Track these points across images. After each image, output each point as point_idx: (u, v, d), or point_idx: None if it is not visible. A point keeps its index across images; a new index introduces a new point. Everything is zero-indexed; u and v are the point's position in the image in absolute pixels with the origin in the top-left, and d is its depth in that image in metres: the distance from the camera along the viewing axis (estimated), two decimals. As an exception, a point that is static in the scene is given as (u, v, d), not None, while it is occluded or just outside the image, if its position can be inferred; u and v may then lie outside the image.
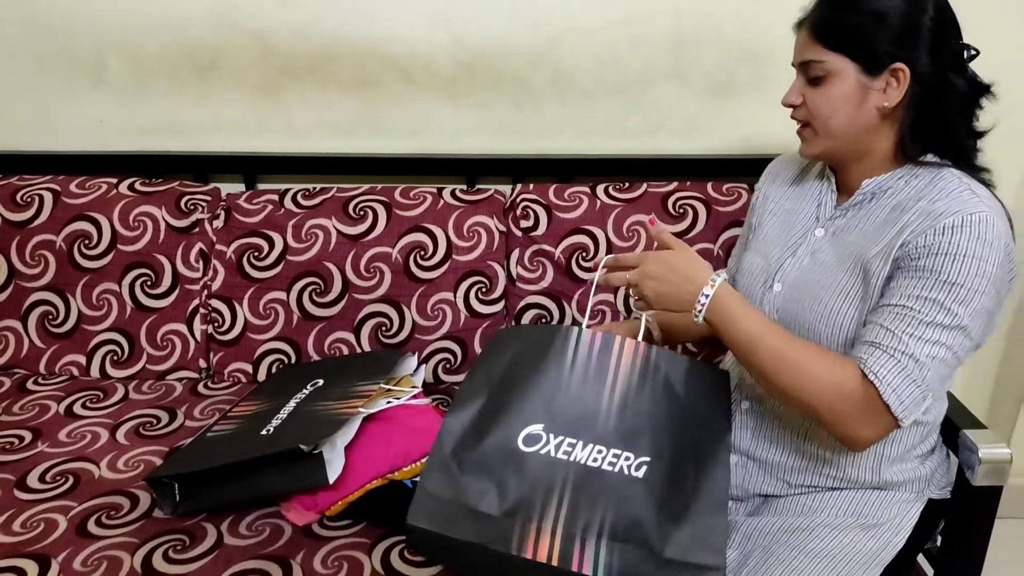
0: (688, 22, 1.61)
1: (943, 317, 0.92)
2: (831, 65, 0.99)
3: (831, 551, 1.01)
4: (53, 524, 1.18)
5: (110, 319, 1.58)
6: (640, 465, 0.94)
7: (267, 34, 1.63)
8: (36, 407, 1.47)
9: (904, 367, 0.92)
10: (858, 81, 0.99)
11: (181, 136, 1.71)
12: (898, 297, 0.94)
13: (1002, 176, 1.06)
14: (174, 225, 1.59)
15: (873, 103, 0.99)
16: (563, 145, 1.70)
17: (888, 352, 0.92)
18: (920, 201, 0.98)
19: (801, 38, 1.04)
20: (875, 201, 1.04)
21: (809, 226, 1.10)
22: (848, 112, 1.00)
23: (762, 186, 1.24)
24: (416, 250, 1.57)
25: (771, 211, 1.18)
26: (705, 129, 1.69)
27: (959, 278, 0.91)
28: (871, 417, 0.93)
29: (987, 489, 1.07)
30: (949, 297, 0.92)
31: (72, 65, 1.66)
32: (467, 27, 1.62)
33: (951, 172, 1.00)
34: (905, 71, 0.97)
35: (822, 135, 1.03)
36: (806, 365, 0.94)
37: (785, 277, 1.08)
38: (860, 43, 0.98)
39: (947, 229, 0.93)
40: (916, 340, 0.92)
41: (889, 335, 0.93)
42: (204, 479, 1.17)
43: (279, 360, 1.57)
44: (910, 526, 1.05)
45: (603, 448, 0.94)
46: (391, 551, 1.14)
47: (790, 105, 1.06)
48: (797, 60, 1.04)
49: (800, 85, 1.04)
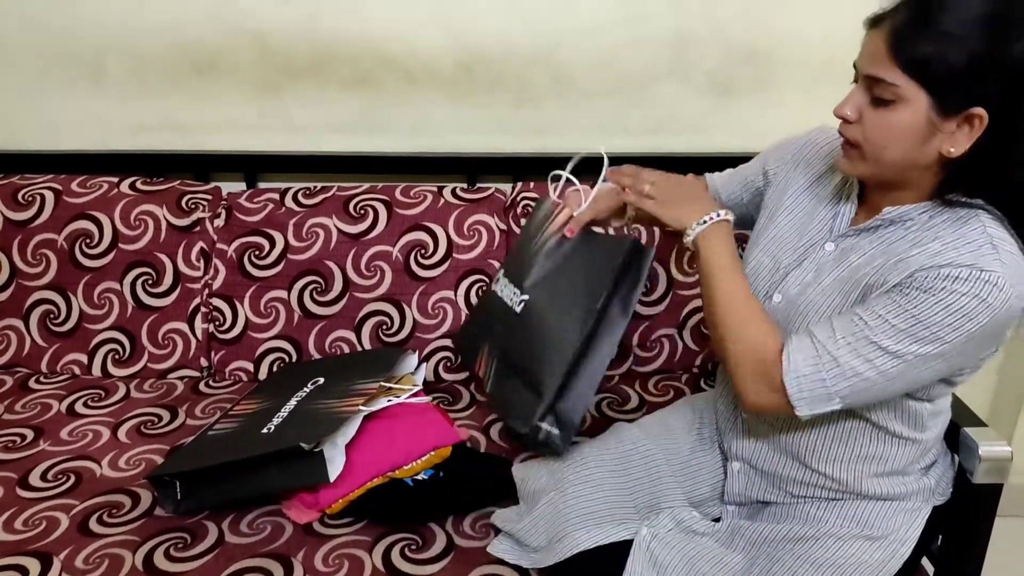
0: (689, 21, 1.61)
1: (888, 341, 0.88)
2: (904, 91, 0.86)
3: (837, 562, 1.00)
4: (55, 522, 1.18)
5: (111, 318, 1.58)
6: (520, 302, 1.21)
7: (267, 33, 1.63)
8: (38, 406, 1.47)
9: (821, 362, 0.91)
10: (928, 117, 0.86)
11: (182, 135, 1.71)
12: (862, 308, 0.92)
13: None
14: (175, 224, 1.59)
15: (937, 145, 0.88)
16: (564, 143, 1.71)
17: (815, 346, 0.92)
18: (936, 242, 0.90)
19: (875, 45, 0.88)
20: (892, 229, 0.97)
21: (821, 236, 1.05)
22: (907, 148, 0.89)
23: (786, 168, 1.14)
24: (417, 249, 1.57)
25: (787, 207, 1.10)
26: (706, 129, 1.69)
27: (927, 317, 0.86)
28: (767, 388, 0.95)
29: (987, 487, 1.07)
30: (907, 329, 0.87)
31: (73, 64, 1.67)
32: (467, 25, 1.62)
33: (979, 218, 0.90)
34: (983, 118, 0.85)
35: (870, 161, 0.92)
36: (747, 318, 0.99)
37: (787, 290, 1.04)
38: (945, 78, 0.84)
39: (951, 278, 0.86)
40: (850, 350, 0.90)
41: (829, 333, 0.92)
42: (205, 477, 1.17)
43: (280, 359, 1.57)
44: (915, 536, 1.03)
45: (516, 289, 1.23)
46: (392, 549, 1.14)
47: (843, 119, 0.93)
48: (864, 70, 0.90)
49: (860, 99, 0.91)
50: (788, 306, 1.03)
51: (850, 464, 1.04)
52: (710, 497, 1.16)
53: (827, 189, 1.08)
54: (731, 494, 1.13)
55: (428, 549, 1.14)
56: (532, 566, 1.09)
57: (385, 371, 1.37)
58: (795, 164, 1.14)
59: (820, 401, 0.93)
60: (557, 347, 1.13)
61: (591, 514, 1.07)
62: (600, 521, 1.06)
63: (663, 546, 1.03)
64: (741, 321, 0.99)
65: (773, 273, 1.07)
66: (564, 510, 1.08)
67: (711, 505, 1.16)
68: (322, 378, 1.37)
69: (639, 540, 1.04)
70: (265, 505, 1.21)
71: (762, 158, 1.20)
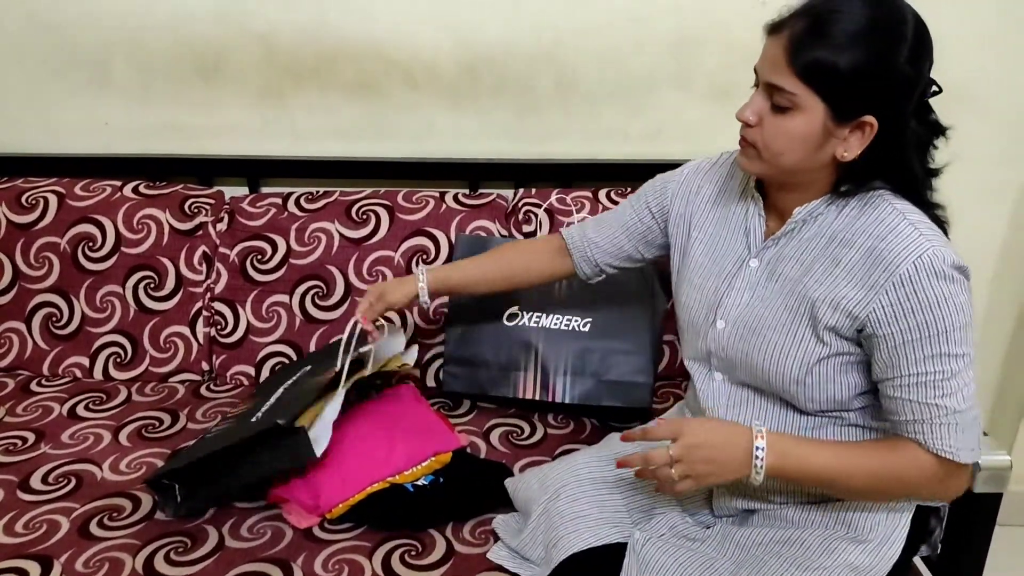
0: (691, 25, 1.61)
1: (955, 363, 0.92)
2: (801, 100, 0.90)
3: (824, 564, 1.01)
4: (55, 525, 1.18)
5: (113, 321, 1.58)
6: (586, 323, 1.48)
7: (271, 36, 1.63)
8: (39, 409, 1.47)
9: (957, 425, 0.93)
10: (824, 125, 0.91)
11: (185, 139, 1.72)
12: (907, 367, 0.93)
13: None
14: (178, 228, 1.60)
15: (831, 149, 0.93)
16: (565, 149, 1.71)
17: (936, 423, 0.94)
18: (859, 236, 0.95)
19: (774, 53, 0.92)
20: (806, 228, 1.00)
21: (741, 256, 1.06)
22: (803, 153, 0.94)
23: (676, 204, 1.16)
24: (418, 254, 1.57)
25: (696, 238, 1.12)
26: (708, 134, 1.69)
27: (946, 322, 0.91)
28: (956, 476, 0.97)
29: (987, 496, 1.07)
30: (951, 343, 0.92)
31: (77, 68, 1.67)
32: (470, 31, 1.62)
33: (883, 197, 0.96)
34: (873, 125, 0.90)
35: (767, 163, 0.97)
36: (894, 473, 0.96)
37: (727, 314, 1.05)
38: (839, 88, 0.89)
39: (905, 281, 0.91)
40: (952, 397, 0.93)
41: (927, 409, 0.93)
42: (200, 472, 1.17)
43: (281, 363, 1.58)
44: (902, 536, 1.04)
45: (559, 315, 1.48)
46: (392, 554, 1.14)
47: (745, 123, 0.97)
48: (765, 77, 0.94)
49: (760, 104, 0.95)
50: (736, 328, 1.05)
51: None
52: (703, 505, 1.17)
53: (729, 209, 1.10)
54: (719, 507, 1.13)
55: (428, 555, 1.14)
56: (532, 576, 1.10)
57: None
58: (684, 199, 1.16)
59: (979, 436, 0.97)
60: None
61: (583, 518, 1.08)
62: (593, 525, 1.07)
63: (656, 550, 1.04)
64: (894, 475, 0.97)
65: (706, 301, 1.09)
66: (556, 516, 1.09)
67: (704, 514, 1.17)
68: (310, 365, 1.37)
69: (632, 543, 1.05)
70: (264, 503, 1.22)
71: (639, 201, 1.22)
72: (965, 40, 1.55)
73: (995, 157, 1.65)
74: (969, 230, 1.44)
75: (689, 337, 1.13)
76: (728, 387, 1.09)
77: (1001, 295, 1.81)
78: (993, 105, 1.61)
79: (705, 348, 1.09)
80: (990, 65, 1.58)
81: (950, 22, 1.59)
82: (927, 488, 0.98)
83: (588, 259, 1.26)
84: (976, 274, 1.91)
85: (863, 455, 0.97)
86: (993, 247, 1.78)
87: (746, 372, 1.05)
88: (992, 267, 1.80)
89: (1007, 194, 1.72)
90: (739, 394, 1.08)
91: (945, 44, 0.94)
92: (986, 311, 1.83)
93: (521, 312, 1.51)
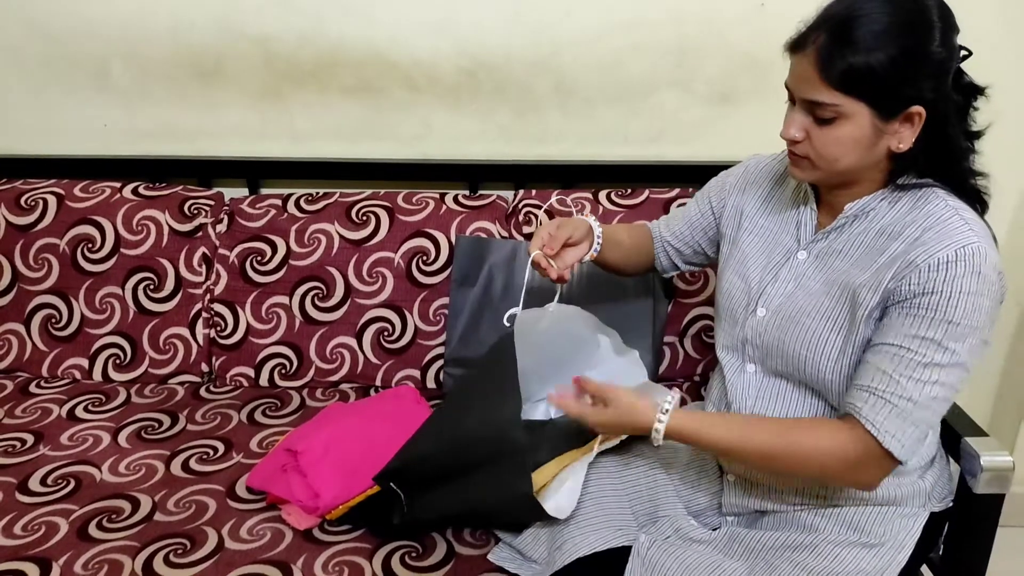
0: (691, 29, 1.61)
1: (941, 356, 0.91)
2: (844, 108, 0.90)
3: (835, 570, 1.00)
4: (54, 527, 1.18)
5: (113, 323, 1.58)
6: None
7: (270, 39, 1.63)
8: (38, 410, 1.47)
9: (902, 411, 0.92)
10: (873, 125, 0.91)
11: (185, 141, 1.72)
12: (893, 336, 0.93)
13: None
14: (177, 229, 1.59)
15: (885, 144, 0.94)
16: (565, 151, 1.71)
17: (884, 398, 0.93)
18: (908, 228, 0.96)
19: (804, 70, 0.92)
20: (857, 223, 1.01)
21: (790, 248, 1.07)
22: (858, 154, 0.94)
23: (731, 197, 1.18)
24: (418, 255, 1.57)
25: (747, 229, 1.14)
26: (707, 136, 1.70)
27: (955, 316, 0.90)
28: (873, 465, 0.95)
29: (989, 497, 1.06)
30: (947, 336, 0.90)
31: (76, 69, 1.67)
32: (470, 33, 1.62)
33: (936, 193, 0.96)
34: (922, 114, 0.91)
35: (823, 170, 0.97)
36: (792, 451, 0.97)
37: (769, 302, 1.06)
38: (879, 88, 0.89)
39: (941, 265, 0.90)
40: (914, 382, 0.91)
41: (886, 379, 0.93)
42: (424, 476, 1.12)
43: (281, 365, 1.57)
44: (913, 542, 1.03)
45: None
46: (392, 556, 1.14)
47: (792, 140, 0.97)
48: (801, 95, 0.94)
49: (803, 120, 0.95)
50: (775, 316, 1.05)
51: None
52: (708, 507, 1.16)
53: (781, 203, 1.12)
54: (728, 505, 1.13)
55: (428, 557, 1.14)
56: (534, 576, 1.09)
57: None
58: (741, 191, 1.18)
59: (918, 442, 0.95)
60: None
61: (589, 522, 1.07)
62: (598, 528, 1.06)
63: (661, 553, 1.03)
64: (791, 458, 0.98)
65: (749, 290, 1.09)
66: (563, 519, 1.08)
67: (710, 515, 1.16)
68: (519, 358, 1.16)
69: (637, 547, 1.04)
70: (264, 504, 1.21)
71: (703, 197, 1.24)
72: (966, 43, 1.55)
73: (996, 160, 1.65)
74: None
75: (726, 325, 1.13)
76: (760, 379, 1.09)
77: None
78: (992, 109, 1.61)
79: (742, 336, 1.09)
80: (992, 67, 1.58)
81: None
82: (834, 470, 0.96)
83: (663, 250, 1.28)
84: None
85: (765, 432, 0.99)
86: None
87: (781, 360, 1.05)
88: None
89: (1008, 198, 1.72)
90: (770, 387, 1.08)
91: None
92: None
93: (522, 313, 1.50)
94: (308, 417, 1.40)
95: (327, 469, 1.19)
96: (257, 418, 1.47)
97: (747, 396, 1.09)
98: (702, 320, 1.57)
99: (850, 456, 0.95)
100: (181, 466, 1.32)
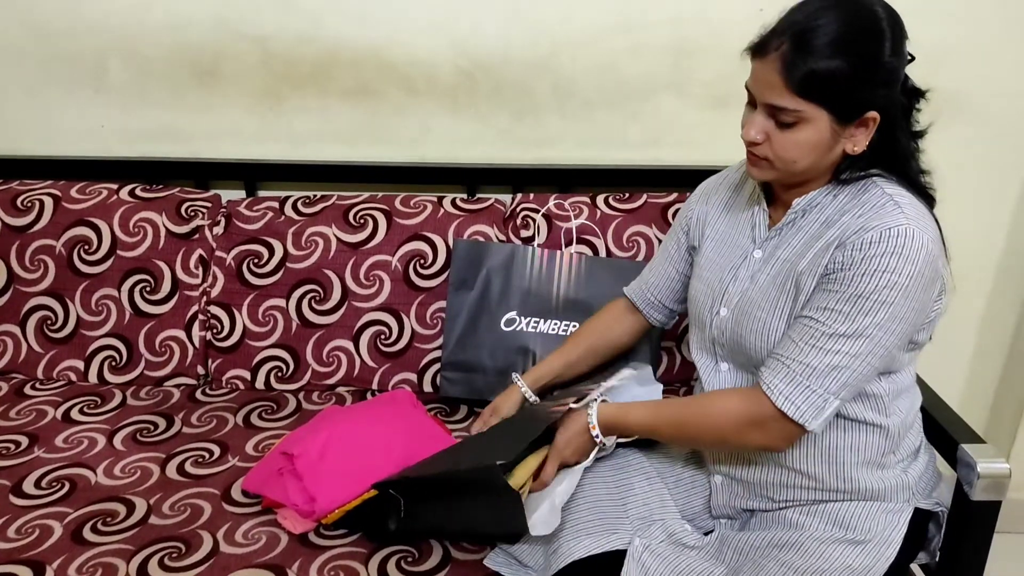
0: (689, 31, 1.61)
1: (843, 326, 0.94)
2: (805, 113, 0.94)
3: (821, 567, 1.01)
4: (48, 530, 1.17)
5: (109, 324, 1.57)
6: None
7: (268, 42, 1.63)
8: (33, 412, 1.47)
9: (795, 375, 0.96)
10: (831, 129, 0.96)
11: (182, 142, 1.71)
12: (807, 309, 0.98)
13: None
14: (174, 231, 1.59)
15: (840, 147, 0.99)
16: (563, 154, 1.71)
17: (783, 362, 0.98)
18: (846, 215, 1.00)
19: (768, 76, 0.95)
20: (806, 216, 1.05)
21: (746, 248, 1.11)
22: (816, 157, 0.98)
23: (695, 207, 1.23)
24: (416, 259, 1.57)
25: (709, 236, 1.18)
26: (705, 140, 1.70)
27: (864, 290, 0.94)
28: (773, 426, 0.99)
29: (986, 504, 1.07)
30: (854, 308, 0.94)
31: (73, 70, 1.67)
32: (468, 38, 1.62)
33: (875, 183, 1.00)
34: (876, 118, 0.96)
35: (781, 171, 1.01)
36: (698, 417, 1.06)
37: (729, 301, 1.10)
38: (837, 95, 0.93)
39: (864, 244, 0.95)
40: (814, 350, 0.96)
41: (791, 345, 0.98)
42: (422, 491, 1.13)
43: (277, 367, 1.57)
44: (899, 538, 1.05)
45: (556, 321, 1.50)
46: (388, 560, 1.13)
47: (753, 143, 1.00)
48: (764, 100, 0.97)
49: (763, 122, 0.98)
50: (735, 314, 1.09)
51: (824, 457, 1.06)
52: (702, 510, 1.17)
53: (738, 210, 1.16)
54: (716, 506, 1.15)
55: (424, 562, 1.14)
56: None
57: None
58: (705, 202, 1.22)
59: (818, 408, 0.97)
60: None
61: (584, 526, 1.08)
62: (592, 531, 1.07)
63: (654, 558, 1.04)
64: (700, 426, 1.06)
65: (712, 292, 1.13)
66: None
67: (704, 518, 1.17)
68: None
69: (632, 550, 1.05)
70: (259, 508, 1.21)
71: (674, 228, 1.29)
72: (962, 49, 1.56)
73: (995, 162, 1.66)
74: (967, 235, 1.45)
75: (696, 329, 1.17)
76: (734, 376, 1.12)
77: (1001, 301, 1.81)
78: (992, 112, 1.61)
79: (710, 336, 1.13)
80: (988, 73, 1.59)
81: (948, 31, 1.60)
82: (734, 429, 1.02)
83: (652, 304, 1.31)
84: (974, 280, 1.91)
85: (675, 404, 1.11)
86: (993, 254, 1.79)
87: (743, 355, 1.09)
88: (991, 276, 1.80)
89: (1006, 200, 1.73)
90: (744, 382, 1.11)
91: (944, 52, 0.95)
92: (982, 316, 1.83)
93: (518, 317, 1.51)
94: (304, 420, 1.40)
95: (323, 473, 1.19)
96: (253, 421, 1.47)
97: None
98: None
99: (751, 415, 1.00)
100: (176, 469, 1.32)
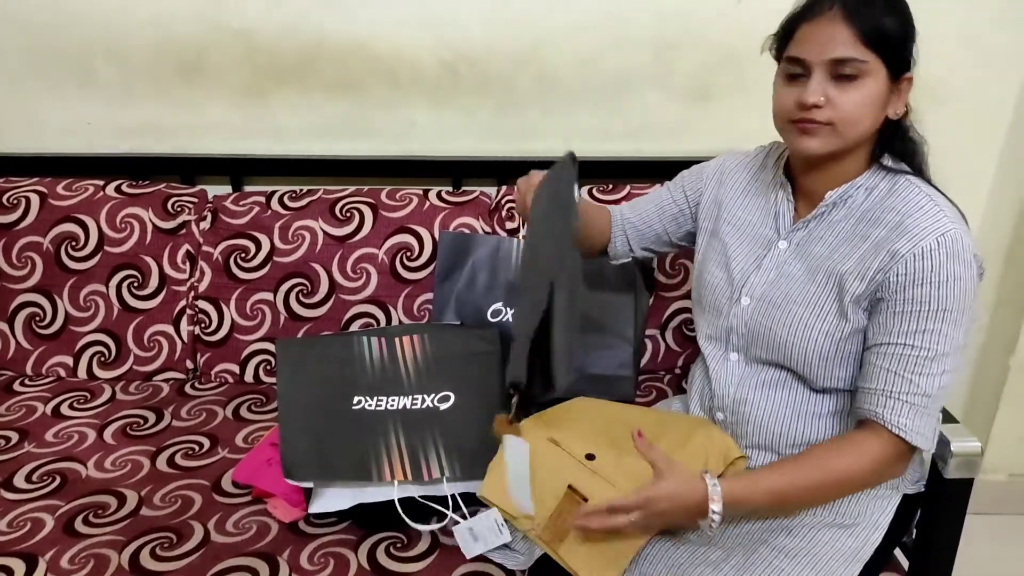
0: (670, 24, 1.63)
1: (943, 345, 0.95)
2: (869, 66, 0.94)
3: (811, 550, 1.03)
4: (40, 523, 1.18)
5: (97, 320, 1.58)
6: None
7: (252, 35, 1.64)
8: (23, 408, 1.47)
9: (919, 408, 0.97)
10: (888, 85, 0.97)
11: (168, 138, 1.72)
12: (895, 335, 0.97)
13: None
14: (161, 227, 1.60)
15: (886, 111, 0.99)
16: (547, 147, 1.72)
17: (902, 399, 0.97)
18: (887, 213, 0.99)
19: (830, 30, 0.94)
20: (836, 210, 1.04)
21: (770, 238, 1.10)
22: (872, 118, 0.97)
23: (709, 187, 1.20)
24: (402, 251, 1.58)
25: (726, 220, 1.16)
26: (688, 131, 1.71)
27: (948, 303, 0.94)
28: (903, 460, 1.01)
29: (959, 481, 1.10)
30: (945, 323, 0.95)
31: (59, 67, 1.67)
32: (451, 29, 1.63)
33: (907, 180, 1.01)
34: (911, 80, 0.98)
35: (841, 136, 0.97)
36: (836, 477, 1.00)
37: (752, 291, 1.09)
38: (894, 48, 0.95)
39: (925, 254, 0.94)
40: (926, 378, 0.96)
41: (899, 380, 0.97)
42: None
43: (266, 361, 1.58)
44: (887, 522, 1.06)
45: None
46: (377, 547, 1.15)
47: (814, 106, 0.96)
48: (826, 56, 0.94)
49: (822, 84, 0.95)
50: (760, 304, 1.08)
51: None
52: None
53: (758, 195, 1.15)
54: None
55: (413, 547, 1.15)
56: (517, 567, 1.11)
57: None
58: (719, 183, 1.20)
59: (937, 426, 1.01)
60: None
61: None
62: None
63: (647, 544, 1.05)
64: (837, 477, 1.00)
65: (732, 281, 1.12)
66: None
67: None
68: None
69: None
70: (250, 498, 1.22)
71: (676, 185, 1.26)
72: (949, 38, 1.58)
73: (969, 148, 1.68)
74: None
75: (710, 317, 1.15)
76: (742, 367, 1.11)
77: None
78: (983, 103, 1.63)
79: (726, 326, 1.11)
80: (972, 62, 1.61)
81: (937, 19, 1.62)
82: (873, 478, 1.02)
83: (623, 233, 1.27)
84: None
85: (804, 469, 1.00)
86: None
87: (766, 348, 1.07)
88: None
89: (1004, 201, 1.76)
90: (752, 374, 1.10)
91: (930, 42, 0.98)
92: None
93: (504, 308, 1.52)
94: (293, 412, 1.41)
95: (312, 463, 1.20)
96: (242, 414, 1.48)
97: (730, 384, 1.12)
98: (683, 313, 1.60)
99: (886, 460, 0.99)
100: (167, 462, 1.33)
